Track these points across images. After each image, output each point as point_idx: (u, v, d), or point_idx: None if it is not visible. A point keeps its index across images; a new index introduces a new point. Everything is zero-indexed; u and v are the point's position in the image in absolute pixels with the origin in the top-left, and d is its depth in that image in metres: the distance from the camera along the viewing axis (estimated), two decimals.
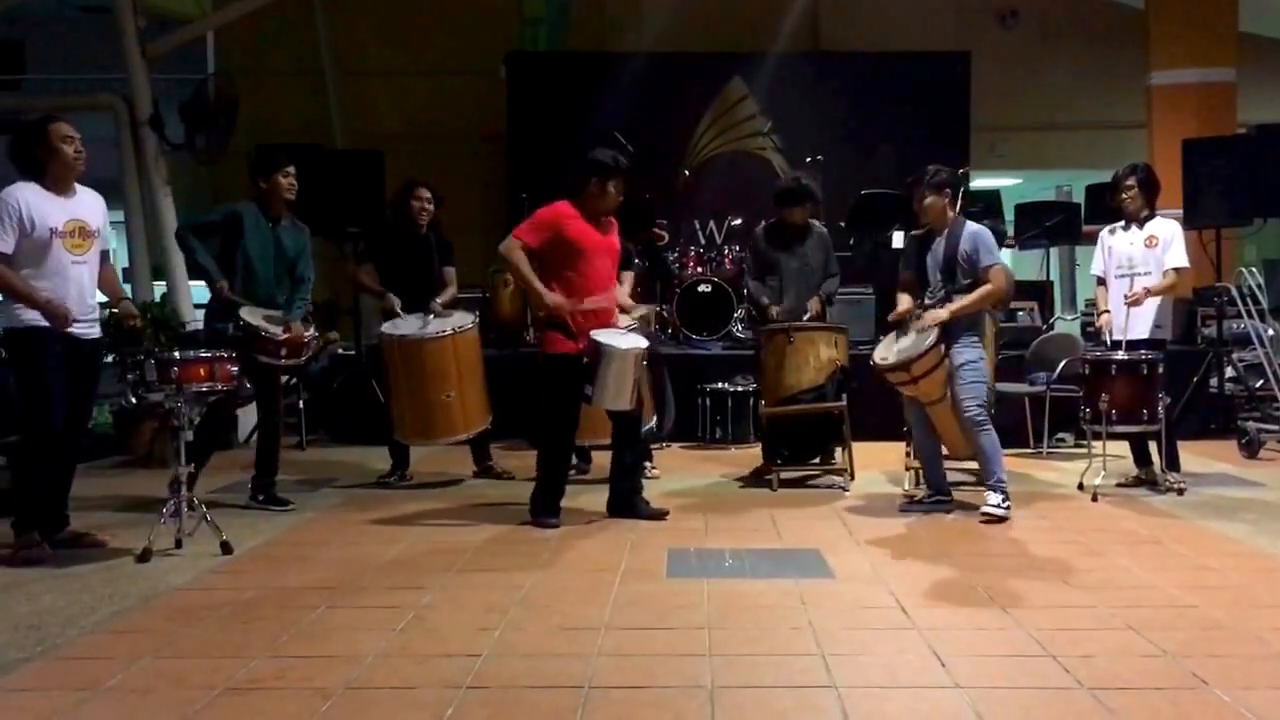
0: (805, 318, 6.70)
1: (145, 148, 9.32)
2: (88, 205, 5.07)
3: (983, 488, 5.80)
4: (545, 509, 5.61)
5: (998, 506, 5.57)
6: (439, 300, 6.71)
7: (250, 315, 5.74)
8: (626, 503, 5.79)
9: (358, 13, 13.06)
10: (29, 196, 4.84)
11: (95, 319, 5.14)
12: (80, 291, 4.98)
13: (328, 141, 12.30)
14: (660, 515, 5.76)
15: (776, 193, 6.98)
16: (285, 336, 5.77)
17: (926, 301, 5.78)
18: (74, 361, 4.96)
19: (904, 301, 5.92)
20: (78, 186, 5.05)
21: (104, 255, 5.17)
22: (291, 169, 5.99)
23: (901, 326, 5.85)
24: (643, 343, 5.74)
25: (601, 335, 5.56)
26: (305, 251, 6.12)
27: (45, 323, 4.80)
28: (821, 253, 6.91)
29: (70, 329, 4.85)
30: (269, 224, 5.96)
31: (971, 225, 5.77)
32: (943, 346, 5.60)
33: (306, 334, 5.93)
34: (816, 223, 7.00)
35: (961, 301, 5.60)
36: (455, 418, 6.54)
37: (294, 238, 6.07)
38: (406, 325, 6.56)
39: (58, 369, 4.89)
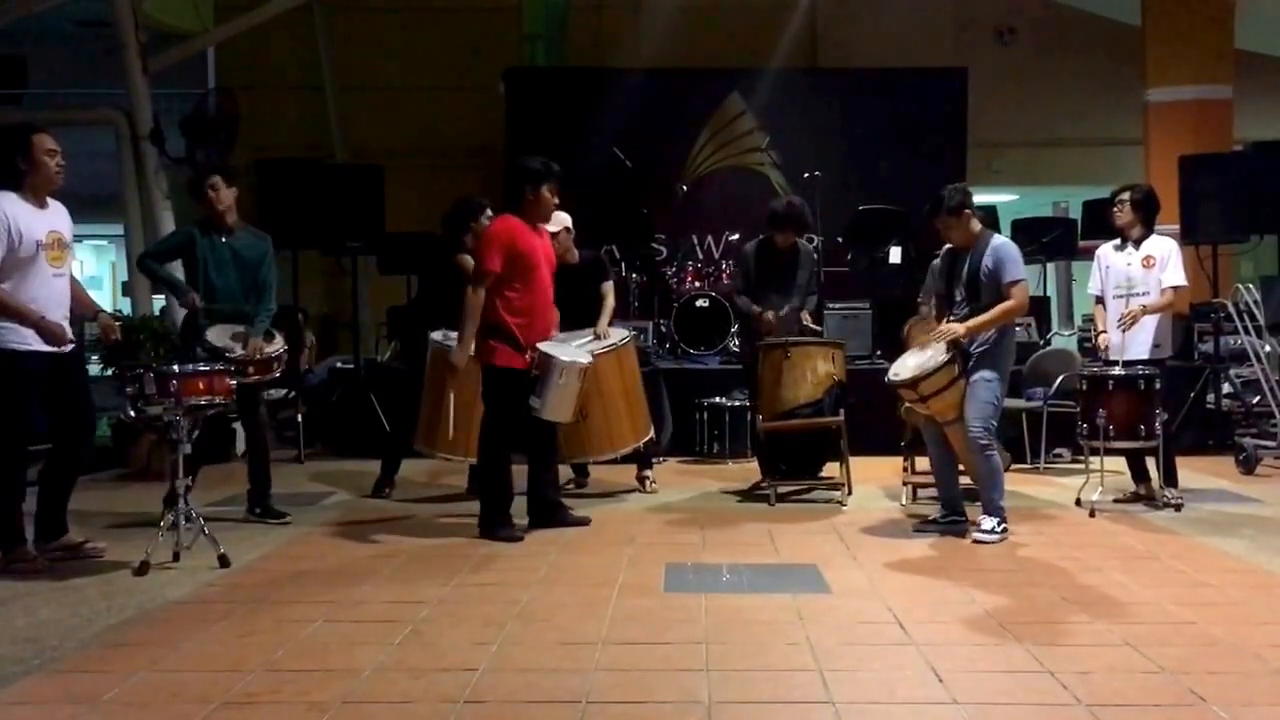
0: (798, 329, 6.73)
1: (146, 162, 9.33)
2: (62, 217, 5.03)
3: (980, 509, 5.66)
4: (496, 522, 5.57)
5: (991, 532, 5.47)
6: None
7: (215, 337, 5.67)
8: (552, 514, 5.82)
9: (358, 28, 13.13)
10: (13, 208, 4.77)
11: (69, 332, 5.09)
12: (60, 304, 4.95)
13: (328, 156, 12.34)
14: (584, 522, 5.84)
15: (769, 213, 7.01)
16: (243, 354, 5.62)
17: (950, 319, 5.66)
18: (57, 375, 4.91)
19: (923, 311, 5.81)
20: (48, 198, 4.98)
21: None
22: (216, 178, 5.91)
23: (919, 342, 5.74)
24: (585, 358, 5.76)
25: (548, 347, 5.61)
26: (267, 258, 6.02)
27: (21, 345, 4.75)
28: (806, 271, 6.94)
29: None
30: (219, 237, 5.88)
31: (996, 239, 5.65)
32: (957, 366, 5.49)
33: (269, 348, 5.80)
34: (803, 242, 7.02)
35: (979, 318, 5.50)
36: None
37: (253, 246, 5.99)
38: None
39: (29, 387, 4.82)
